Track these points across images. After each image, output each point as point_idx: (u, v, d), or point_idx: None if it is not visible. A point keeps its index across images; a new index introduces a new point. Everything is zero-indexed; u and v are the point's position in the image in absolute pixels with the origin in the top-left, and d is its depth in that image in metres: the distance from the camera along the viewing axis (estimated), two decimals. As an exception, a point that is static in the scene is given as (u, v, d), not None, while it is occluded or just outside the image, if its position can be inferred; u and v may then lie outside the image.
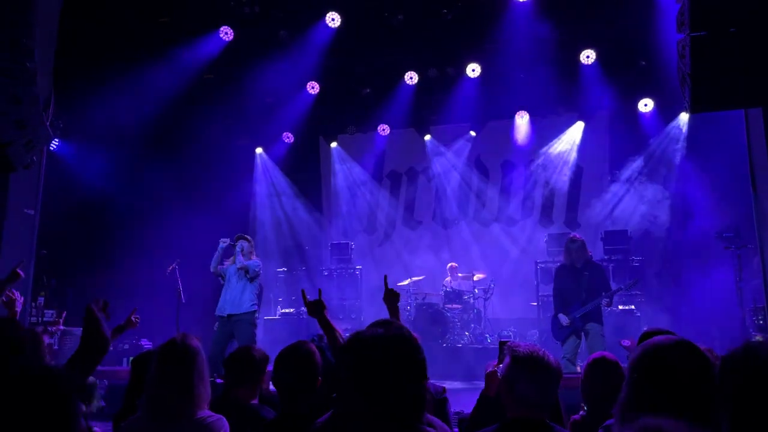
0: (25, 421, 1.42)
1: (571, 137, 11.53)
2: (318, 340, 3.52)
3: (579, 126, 11.46)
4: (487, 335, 10.04)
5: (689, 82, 4.91)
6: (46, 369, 1.53)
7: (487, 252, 11.69)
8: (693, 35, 4.76)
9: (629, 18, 9.03)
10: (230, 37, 10.00)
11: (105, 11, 8.58)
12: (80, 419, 1.55)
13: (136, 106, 9.45)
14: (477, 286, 10.36)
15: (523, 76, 10.41)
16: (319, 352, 3.02)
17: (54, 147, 9.67)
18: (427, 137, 12.49)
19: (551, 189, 11.73)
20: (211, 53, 10.01)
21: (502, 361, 2.43)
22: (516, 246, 11.65)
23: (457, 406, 4.99)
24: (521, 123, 11.75)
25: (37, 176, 7.62)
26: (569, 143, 11.55)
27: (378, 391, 1.64)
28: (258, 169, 12.84)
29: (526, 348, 2.27)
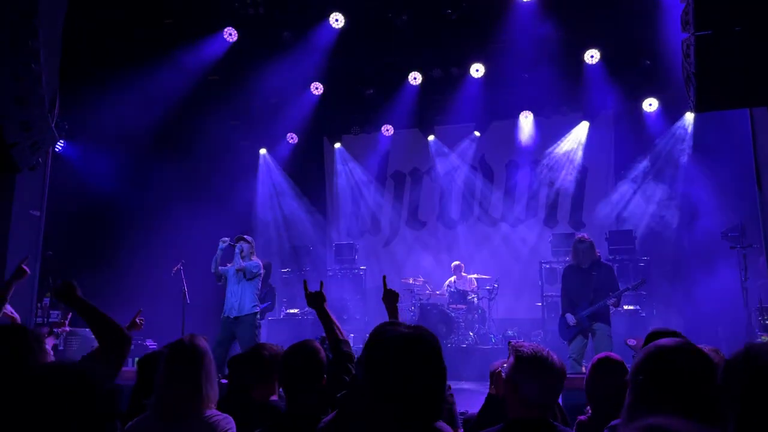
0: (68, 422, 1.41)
1: (576, 137, 11.51)
2: (322, 342, 3.52)
3: (584, 126, 11.44)
4: (492, 335, 10.04)
5: (694, 82, 4.90)
6: (81, 369, 1.52)
7: (492, 252, 11.68)
8: (698, 34, 4.75)
9: (633, 17, 9.01)
10: (234, 38, 10.02)
11: (109, 13, 8.60)
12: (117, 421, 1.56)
13: (141, 108, 9.46)
14: (481, 287, 10.35)
15: (527, 76, 10.41)
16: (324, 352, 3.03)
17: (59, 148, 9.70)
18: (431, 138, 12.49)
19: (556, 189, 11.71)
20: (216, 54, 10.02)
21: None
22: (520, 246, 11.64)
23: (462, 406, 4.98)
24: (525, 123, 11.74)
25: (43, 177, 7.65)
26: (574, 143, 11.53)
27: (401, 389, 1.64)
28: (262, 170, 12.85)
29: (530, 348, 2.27)
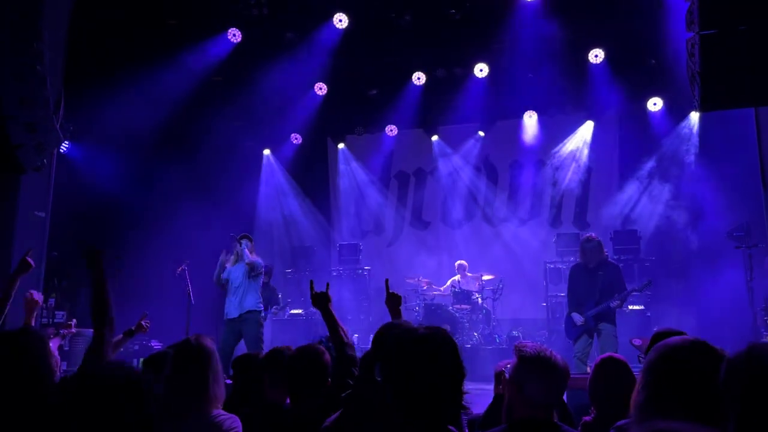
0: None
1: (581, 137, 11.49)
2: (326, 342, 3.53)
3: (588, 125, 11.41)
4: (496, 336, 10.02)
5: (699, 81, 4.88)
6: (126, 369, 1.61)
7: (496, 252, 11.66)
8: (702, 34, 4.73)
9: (638, 17, 8.99)
10: (238, 39, 10.03)
11: (113, 14, 8.62)
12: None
13: (145, 109, 9.48)
14: (486, 287, 10.33)
15: (532, 76, 10.39)
16: (328, 353, 3.04)
17: (64, 149, 9.74)
18: (435, 138, 12.48)
19: (560, 189, 11.68)
20: (220, 55, 10.05)
21: None
22: (525, 246, 11.61)
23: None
24: (530, 123, 11.72)
25: (48, 178, 7.68)
26: (578, 143, 11.50)
27: (420, 388, 1.64)
28: (266, 171, 12.86)
29: (533, 348, 2.26)
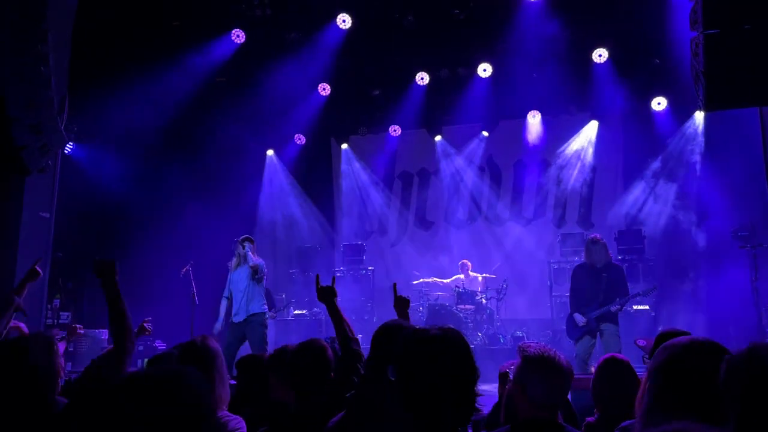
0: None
1: (585, 137, 11.47)
2: (331, 342, 3.53)
3: (592, 125, 11.40)
4: (501, 336, 10.00)
5: (703, 80, 4.87)
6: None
7: (500, 252, 11.65)
8: (706, 33, 4.72)
9: (641, 16, 8.96)
10: (242, 40, 10.05)
11: (118, 15, 8.65)
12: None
13: (149, 109, 9.52)
14: (490, 287, 10.32)
15: (535, 76, 10.38)
16: (333, 354, 3.03)
17: (68, 150, 9.76)
18: (438, 138, 12.47)
19: (564, 188, 11.66)
20: (223, 56, 10.06)
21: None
22: (529, 246, 11.60)
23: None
24: (533, 122, 11.71)
25: (52, 180, 7.70)
26: (582, 143, 11.48)
27: (433, 390, 1.63)
28: (270, 171, 12.88)
29: (537, 348, 2.26)
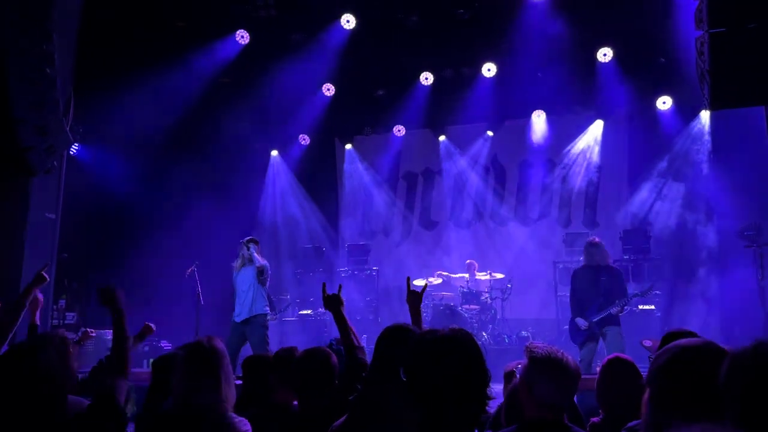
0: None
1: (590, 136, 11.44)
2: (336, 344, 3.53)
3: (597, 125, 11.37)
4: (505, 336, 9.99)
5: (708, 79, 4.85)
6: None
7: (505, 252, 11.63)
8: (712, 32, 4.70)
9: (646, 15, 8.94)
10: (246, 41, 10.06)
11: (123, 16, 8.67)
12: None
13: (154, 110, 9.54)
14: (494, 287, 10.30)
15: (540, 75, 10.36)
16: (337, 356, 3.04)
17: (74, 151, 9.80)
18: (442, 138, 12.47)
19: (569, 188, 11.64)
20: (228, 57, 10.08)
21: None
22: (534, 246, 11.57)
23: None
24: (538, 122, 11.69)
25: (58, 180, 7.73)
26: (587, 142, 11.46)
27: (444, 392, 1.63)
28: (274, 172, 12.90)
29: (544, 349, 2.25)
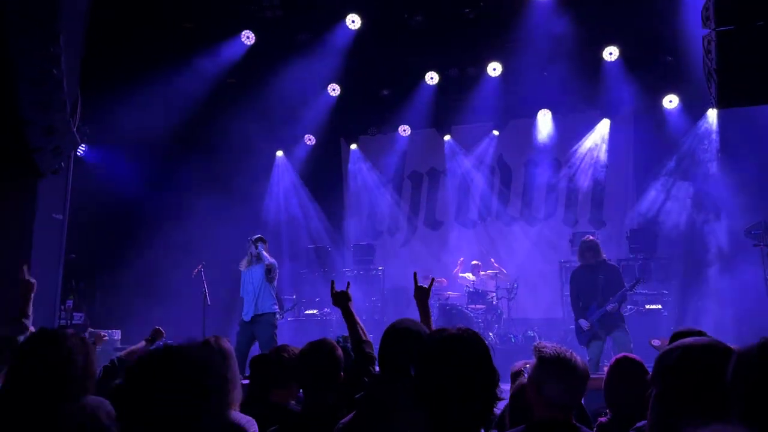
0: None
1: (596, 135, 11.41)
2: (343, 341, 3.53)
3: (604, 124, 11.34)
4: (512, 336, 9.97)
5: (716, 78, 4.82)
6: None
7: (511, 251, 11.61)
8: (719, 30, 4.67)
9: (652, 13, 8.91)
10: (252, 41, 10.08)
11: (130, 18, 8.71)
12: None
13: (160, 111, 9.57)
14: (501, 286, 10.29)
15: (546, 75, 10.34)
16: (344, 353, 3.04)
17: (81, 152, 9.84)
18: (447, 137, 12.45)
19: (575, 187, 11.62)
20: (234, 57, 10.11)
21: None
22: (540, 245, 11.55)
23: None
24: (544, 121, 11.66)
25: (65, 181, 7.75)
26: (593, 141, 11.43)
27: (449, 391, 1.63)
28: (280, 172, 12.92)
29: (553, 349, 2.25)
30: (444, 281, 10.64)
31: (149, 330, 4.53)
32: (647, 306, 9.14)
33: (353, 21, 9.81)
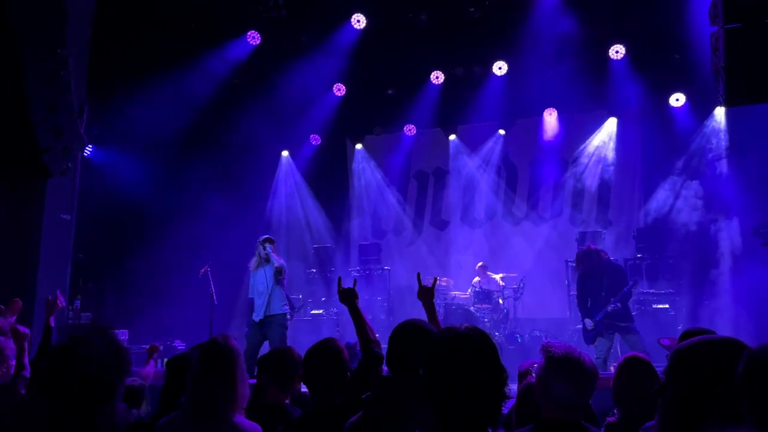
0: None
1: (603, 134, 11.37)
2: (352, 349, 3.53)
3: (611, 122, 11.29)
4: (518, 335, 9.95)
5: (723, 76, 4.80)
6: None
7: (517, 251, 11.57)
8: (727, 28, 4.65)
9: (659, 11, 8.87)
10: (258, 42, 10.10)
11: (136, 19, 8.74)
12: None
13: (167, 112, 9.60)
14: (507, 286, 10.27)
15: (552, 73, 10.30)
16: (351, 353, 3.04)
17: (88, 153, 9.88)
18: (453, 137, 12.44)
19: (582, 186, 11.57)
20: (240, 58, 10.13)
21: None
22: (546, 244, 11.50)
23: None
24: (550, 120, 11.62)
25: (73, 182, 7.80)
26: (600, 140, 11.38)
27: (457, 390, 1.63)
28: (286, 172, 12.94)
29: (562, 348, 2.24)
30: (450, 281, 10.63)
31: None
32: (654, 305, 9.10)
33: (358, 21, 9.81)
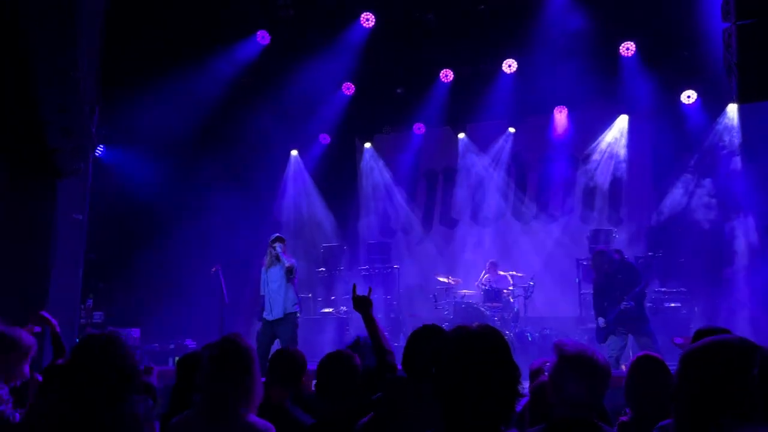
0: None
1: (615, 131, 11.29)
2: (363, 340, 3.56)
3: (622, 120, 11.21)
4: (528, 334, 9.90)
5: (736, 72, 4.76)
6: None
7: (527, 249, 11.53)
8: (739, 24, 4.61)
9: (669, 7, 8.81)
10: (267, 41, 10.12)
11: (146, 19, 8.78)
12: None
13: (177, 112, 9.63)
14: (517, 285, 10.22)
15: (561, 71, 10.23)
16: (361, 354, 3.07)
17: (99, 153, 9.93)
18: (462, 135, 12.40)
19: (593, 184, 11.49)
20: (249, 57, 10.16)
21: None
22: (557, 243, 11.45)
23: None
24: (560, 118, 11.56)
25: (84, 182, 7.84)
26: (611, 137, 11.31)
27: (469, 388, 1.62)
28: (295, 171, 12.95)
29: (574, 347, 2.23)
30: (459, 280, 10.59)
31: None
32: (666, 304, 9.04)
33: (367, 19, 9.81)
